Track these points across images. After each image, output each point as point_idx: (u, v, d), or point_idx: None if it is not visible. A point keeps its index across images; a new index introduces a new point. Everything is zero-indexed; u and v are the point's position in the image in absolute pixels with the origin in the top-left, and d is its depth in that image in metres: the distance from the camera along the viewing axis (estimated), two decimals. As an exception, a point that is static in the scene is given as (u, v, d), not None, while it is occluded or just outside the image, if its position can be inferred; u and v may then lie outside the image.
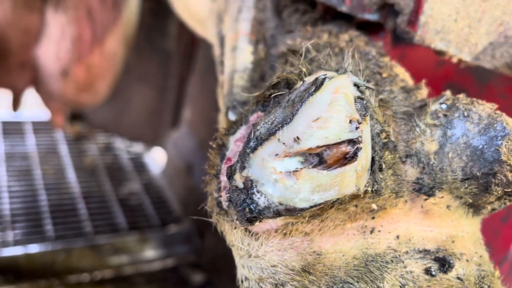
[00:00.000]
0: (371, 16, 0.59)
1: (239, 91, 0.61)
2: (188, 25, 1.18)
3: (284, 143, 0.38)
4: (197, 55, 1.69)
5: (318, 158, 0.38)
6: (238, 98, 0.60)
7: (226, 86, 0.63)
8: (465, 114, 0.45)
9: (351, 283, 0.41)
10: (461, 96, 0.47)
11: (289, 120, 0.38)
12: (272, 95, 0.45)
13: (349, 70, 0.44)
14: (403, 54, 0.80)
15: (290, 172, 0.38)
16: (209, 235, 1.53)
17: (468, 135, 0.44)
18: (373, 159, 0.40)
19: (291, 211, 0.38)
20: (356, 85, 0.40)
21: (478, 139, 0.44)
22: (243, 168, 0.40)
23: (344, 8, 0.58)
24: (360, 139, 0.38)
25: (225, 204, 0.46)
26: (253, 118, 0.48)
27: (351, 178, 0.37)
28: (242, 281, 0.48)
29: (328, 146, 0.38)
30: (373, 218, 0.43)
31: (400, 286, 0.42)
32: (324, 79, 0.38)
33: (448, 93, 0.48)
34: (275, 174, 0.38)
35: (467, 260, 0.45)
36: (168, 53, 1.68)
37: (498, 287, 0.46)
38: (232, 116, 0.59)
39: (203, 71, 1.65)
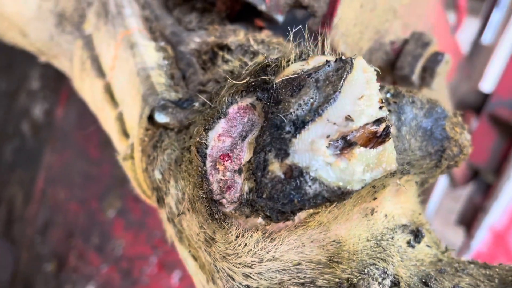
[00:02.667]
0: (280, 18, 0.61)
1: (163, 89, 0.54)
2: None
3: (334, 123, 0.36)
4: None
5: (343, 140, 0.38)
6: (167, 97, 0.53)
7: (140, 85, 0.55)
8: (411, 100, 0.51)
9: (376, 264, 0.41)
10: (396, 86, 0.53)
11: (333, 99, 0.36)
12: (257, 82, 0.42)
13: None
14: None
15: (338, 153, 0.36)
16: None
17: (417, 118, 0.50)
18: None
19: (344, 195, 0.36)
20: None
21: (425, 121, 0.50)
22: (284, 155, 0.36)
23: (263, 7, 0.58)
24: (388, 117, 0.38)
25: (229, 207, 0.40)
26: (232, 110, 0.43)
27: (392, 154, 0.37)
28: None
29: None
30: (374, 199, 0.44)
31: (401, 260, 0.44)
32: (352, 58, 0.38)
33: (386, 84, 0.53)
34: (327, 157, 0.35)
35: (427, 229, 0.50)
36: None
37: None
38: (162, 118, 0.51)
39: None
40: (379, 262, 0.42)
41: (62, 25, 0.78)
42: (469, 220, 1.34)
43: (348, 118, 0.36)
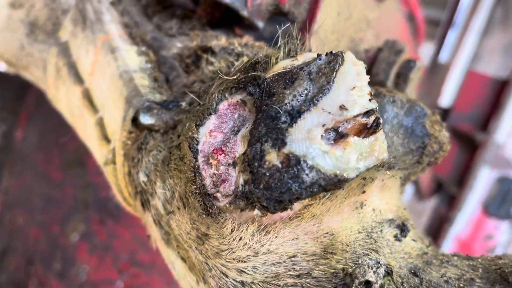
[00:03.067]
0: (260, 24, 0.62)
1: (147, 91, 0.53)
2: None
3: (329, 112, 0.37)
4: None
5: (335, 132, 0.38)
6: (151, 98, 0.52)
7: (122, 88, 0.54)
8: (391, 100, 0.52)
9: (369, 255, 0.42)
10: (377, 86, 0.55)
11: (327, 90, 0.37)
12: (249, 79, 0.42)
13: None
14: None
15: (333, 142, 0.37)
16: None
17: (398, 117, 0.52)
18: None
19: (341, 183, 0.36)
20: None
21: (406, 120, 0.52)
22: (282, 145, 0.36)
23: (245, 13, 0.59)
24: (377, 109, 0.40)
25: (223, 201, 0.40)
26: (223, 106, 0.43)
27: (383, 144, 0.38)
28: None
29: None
30: (363, 192, 0.45)
31: (390, 253, 0.45)
32: (343, 52, 0.39)
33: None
34: (323, 146, 0.36)
35: (411, 224, 0.51)
36: None
37: None
38: (147, 119, 0.51)
39: None
40: (371, 252, 0.42)
41: (34, 34, 0.76)
42: (436, 230, 1.38)
43: (343, 108, 0.37)
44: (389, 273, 0.41)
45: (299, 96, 0.37)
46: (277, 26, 0.65)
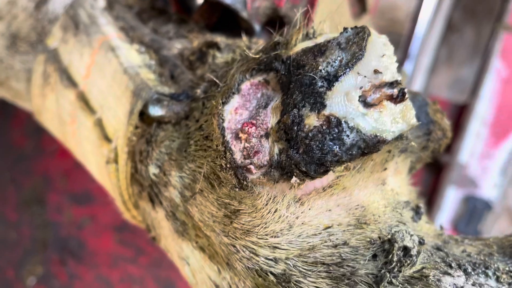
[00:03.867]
0: (257, 27, 0.63)
1: (155, 84, 0.52)
2: None
3: (365, 76, 0.37)
4: None
5: (363, 102, 0.39)
6: (160, 90, 0.51)
7: (128, 82, 0.53)
8: (395, 90, 0.54)
9: (399, 227, 0.42)
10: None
11: (360, 55, 0.38)
12: (271, 57, 0.43)
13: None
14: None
15: (369, 105, 0.38)
16: None
17: (403, 106, 0.54)
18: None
19: (379, 144, 0.37)
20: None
21: (411, 108, 0.54)
22: (321, 107, 0.36)
23: (244, 14, 0.60)
24: (401, 80, 0.41)
25: (257, 172, 0.39)
26: (245, 86, 0.44)
27: (412, 111, 0.39)
28: (269, 269, 0.40)
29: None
30: (385, 169, 0.45)
31: (413, 229, 0.45)
32: (365, 26, 0.41)
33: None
34: (361, 108, 0.37)
35: (423, 208, 0.52)
36: None
37: None
38: (158, 111, 0.50)
39: None
40: (400, 225, 0.42)
41: (16, 46, 0.74)
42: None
43: (377, 71, 0.38)
44: (421, 242, 0.41)
45: (333, 62, 0.38)
46: (271, 31, 0.67)
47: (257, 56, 0.43)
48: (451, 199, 1.33)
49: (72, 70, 0.62)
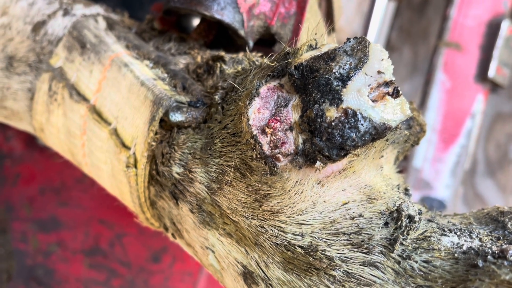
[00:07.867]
0: (251, 44, 0.71)
1: (173, 93, 0.59)
2: None
3: (371, 76, 0.46)
4: None
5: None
6: (178, 99, 0.58)
7: (147, 92, 0.59)
8: (378, 93, 0.63)
9: (401, 200, 0.50)
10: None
11: (366, 59, 0.46)
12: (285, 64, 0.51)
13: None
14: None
15: (374, 100, 0.46)
16: None
17: (386, 106, 0.63)
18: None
19: (386, 131, 0.45)
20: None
21: (392, 108, 0.63)
22: (339, 101, 0.44)
23: (242, 32, 0.68)
24: (394, 81, 0.50)
25: (284, 160, 0.46)
26: (263, 90, 0.51)
27: (406, 104, 0.48)
28: (297, 243, 0.47)
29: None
30: (382, 156, 0.54)
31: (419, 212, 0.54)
32: (364, 37, 0.49)
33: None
34: (370, 102, 0.45)
35: (410, 189, 0.61)
36: None
37: None
38: (178, 117, 0.56)
39: None
40: (401, 199, 0.51)
41: (12, 67, 0.77)
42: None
43: (380, 72, 0.46)
44: (419, 213, 0.49)
45: (344, 66, 0.46)
46: (266, 46, 0.75)
47: (273, 64, 0.51)
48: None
49: (81, 86, 0.67)
